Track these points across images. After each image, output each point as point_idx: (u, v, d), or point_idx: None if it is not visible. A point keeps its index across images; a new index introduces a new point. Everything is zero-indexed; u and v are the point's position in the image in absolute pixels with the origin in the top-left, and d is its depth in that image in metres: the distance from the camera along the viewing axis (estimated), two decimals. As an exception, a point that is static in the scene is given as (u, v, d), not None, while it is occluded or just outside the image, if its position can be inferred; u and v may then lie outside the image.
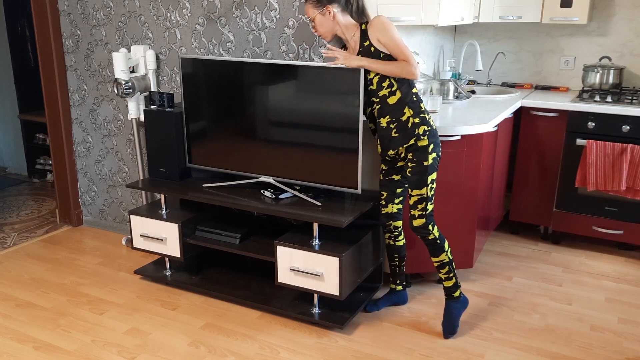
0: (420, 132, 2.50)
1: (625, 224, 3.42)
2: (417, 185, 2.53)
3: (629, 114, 3.27)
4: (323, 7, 2.48)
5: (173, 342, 2.64)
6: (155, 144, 3.15)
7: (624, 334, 2.70)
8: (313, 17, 2.51)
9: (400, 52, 2.43)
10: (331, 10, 2.47)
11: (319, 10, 2.48)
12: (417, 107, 2.52)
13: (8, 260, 3.51)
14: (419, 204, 2.54)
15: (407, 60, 2.43)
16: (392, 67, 2.45)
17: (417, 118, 2.51)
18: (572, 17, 3.54)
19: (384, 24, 2.43)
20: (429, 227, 2.56)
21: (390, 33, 2.42)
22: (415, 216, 2.57)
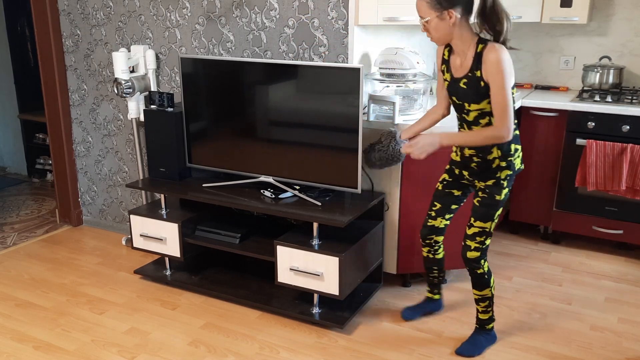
0: (502, 176, 2.30)
1: (625, 223, 3.42)
2: (482, 217, 2.36)
3: (628, 114, 3.27)
4: (443, 9, 2.12)
5: (173, 341, 2.64)
6: (155, 143, 3.15)
7: (623, 334, 2.70)
8: (427, 20, 2.16)
9: (498, 110, 2.12)
10: (453, 15, 2.12)
11: (437, 13, 2.13)
12: (506, 149, 2.26)
13: (8, 260, 3.51)
14: (479, 236, 2.38)
15: (501, 125, 2.13)
16: (477, 138, 2.19)
17: (504, 161, 2.27)
18: (572, 17, 3.54)
19: (500, 67, 2.08)
20: (482, 261, 2.41)
21: (501, 82, 2.09)
22: (471, 247, 2.40)
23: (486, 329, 2.57)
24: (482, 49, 2.15)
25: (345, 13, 2.81)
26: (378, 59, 2.92)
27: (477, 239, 2.40)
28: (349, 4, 2.78)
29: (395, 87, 2.96)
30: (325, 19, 2.86)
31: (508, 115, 2.13)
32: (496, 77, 2.11)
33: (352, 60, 2.85)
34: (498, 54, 2.10)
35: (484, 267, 2.43)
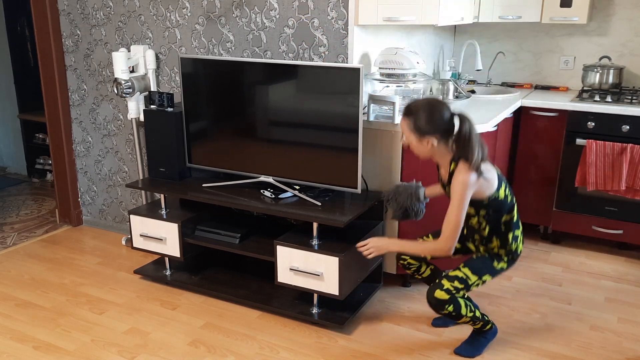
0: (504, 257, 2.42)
1: (625, 223, 3.42)
2: (472, 268, 2.39)
3: (628, 114, 3.27)
4: (422, 135, 2.27)
5: (173, 341, 2.64)
6: (155, 143, 3.15)
7: (623, 334, 2.70)
8: (409, 140, 2.32)
9: (447, 226, 2.25)
10: (430, 142, 2.26)
11: (417, 137, 2.28)
12: (503, 239, 2.39)
13: (8, 260, 3.51)
14: (459, 282, 2.36)
15: (445, 240, 2.26)
16: (420, 249, 2.37)
17: (504, 250, 2.41)
18: (571, 17, 3.54)
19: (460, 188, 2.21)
20: (446, 305, 2.35)
21: (458, 202, 2.22)
22: (443, 287, 2.35)
23: (484, 331, 2.56)
24: (453, 169, 2.28)
25: (345, 13, 2.81)
26: (378, 59, 2.92)
27: (454, 283, 2.37)
28: (348, 4, 2.78)
29: (395, 87, 2.96)
30: (325, 19, 2.86)
31: (455, 234, 2.26)
32: (454, 196, 2.23)
33: (352, 60, 2.85)
34: (463, 176, 2.21)
35: (449, 309, 2.37)
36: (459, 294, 2.37)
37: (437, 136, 2.25)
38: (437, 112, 2.25)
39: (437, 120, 2.24)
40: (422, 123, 2.24)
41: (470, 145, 2.21)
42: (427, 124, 2.24)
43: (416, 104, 2.29)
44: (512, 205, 2.38)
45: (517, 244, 2.43)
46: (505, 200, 2.35)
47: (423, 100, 2.31)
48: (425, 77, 2.99)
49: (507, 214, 2.38)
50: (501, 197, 2.33)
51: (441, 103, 2.28)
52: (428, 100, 2.30)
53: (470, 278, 2.38)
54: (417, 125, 2.25)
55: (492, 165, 2.37)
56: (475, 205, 2.35)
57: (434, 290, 2.37)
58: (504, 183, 2.35)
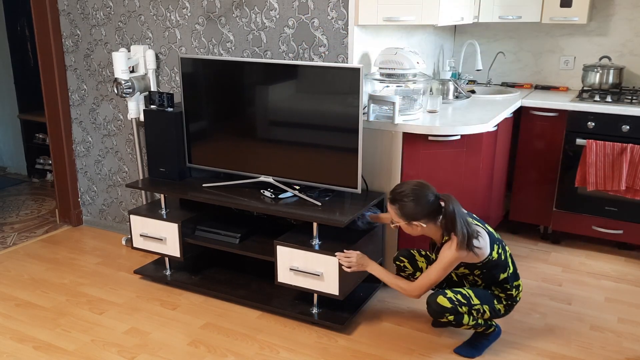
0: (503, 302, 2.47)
1: (625, 223, 3.42)
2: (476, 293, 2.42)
3: (628, 114, 3.27)
4: (410, 220, 2.36)
5: (173, 341, 2.64)
6: (155, 143, 3.15)
7: (623, 334, 2.70)
8: (398, 224, 2.42)
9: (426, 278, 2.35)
10: (418, 225, 2.36)
11: (405, 222, 2.38)
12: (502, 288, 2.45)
13: (8, 260, 3.51)
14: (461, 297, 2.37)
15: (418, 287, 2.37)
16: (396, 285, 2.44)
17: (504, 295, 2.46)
18: (571, 17, 3.54)
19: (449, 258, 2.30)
20: (446, 314, 2.35)
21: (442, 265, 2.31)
22: (446, 294, 2.35)
23: (486, 333, 2.56)
24: (445, 241, 2.37)
25: (345, 13, 2.81)
26: (378, 59, 2.92)
27: (458, 296, 2.37)
28: (348, 4, 2.78)
29: (395, 87, 2.96)
30: (325, 19, 2.86)
31: (427, 289, 2.37)
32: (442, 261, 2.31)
33: (352, 60, 2.85)
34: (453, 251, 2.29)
35: (449, 318, 2.37)
36: (461, 309, 2.36)
37: (424, 220, 2.35)
38: (422, 197, 2.33)
39: (422, 205, 2.33)
40: (409, 210, 2.34)
41: (456, 225, 2.28)
42: (414, 210, 2.33)
43: (401, 190, 2.36)
44: (506, 262, 2.42)
45: (518, 293, 2.48)
46: (499, 258, 2.40)
47: (408, 186, 2.37)
48: (425, 77, 2.99)
49: (503, 272, 2.42)
50: (495, 257, 2.38)
51: (425, 187, 2.35)
52: (413, 187, 2.35)
53: (472, 299, 2.39)
54: (404, 212, 2.35)
55: (484, 226, 2.41)
56: (470, 267, 2.41)
57: (437, 295, 2.37)
58: (496, 244, 2.40)
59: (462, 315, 2.37)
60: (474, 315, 2.41)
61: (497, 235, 2.45)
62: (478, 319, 2.43)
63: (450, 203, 2.30)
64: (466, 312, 2.38)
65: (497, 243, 2.40)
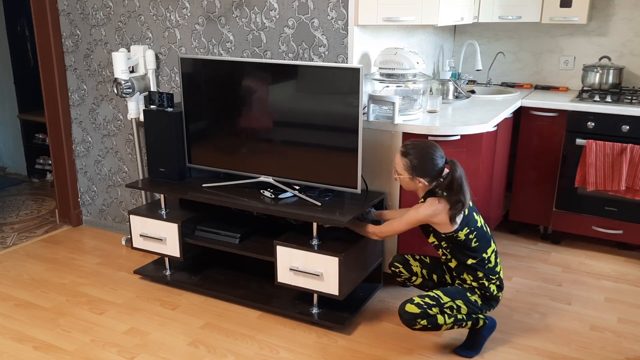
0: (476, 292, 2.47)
1: (625, 224, 3.42)
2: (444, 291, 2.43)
3: (628, 114, 3.27)
4: (415, 176, 2.43)
5: (173, 342, 2.64)
6: (154, 144, 3.15)
7: (623, 334, 2.70)
8: (400, 176, 2.48)
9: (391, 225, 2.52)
10: (421, 182, 2.44)
11: (410, 176, 2.44)
12: (475, 275, 2.45)
13: (8, 260, 3.51)
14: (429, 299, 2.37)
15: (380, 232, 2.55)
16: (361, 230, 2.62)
17: (476, 283, 2.46)
18: (571, 17, 3.54)
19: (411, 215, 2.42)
20: (418, 319, 2.35)
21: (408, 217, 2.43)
22: (413, 301, 2.36)
23: (477, 329, 2.53)
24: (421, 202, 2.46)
25: (345, 13, 2.81)
26: (378, 59, 2.92)
27: (425, 299, 2.37)
28: (348, 4, 2.78)
29: (395, 87, 2.96)
30: (325, 19, 2.86)
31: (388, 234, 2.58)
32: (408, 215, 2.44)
33: (352, 60, 2.86)
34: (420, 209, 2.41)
35: (422, 323, 2.36)
36: (432, 311, 2.35)
37: (427, 179, 2.43)
38: (433, 157, 2.41)
39: (431, 164, 2.41)
40: (417, 165, 2.41)
41: (462, 190, 2.36)
42: (422, 166, 2.41)
43: (415, 145, 2.44)
44: (476, 250, 2.43)
45: (491, 285, 2.46)
46: (467, 242, 2.42)
47: (421, 143, 2.46)
48: (425, 77, 2.99)
49: (472, 258, 2.42)
50: (461, 238, 2.41)
51: (437, 148, 2.44)
52: (426, 144, 2.44)
53: (442, 298, 2.40)
54: (412, 166, 2.42)
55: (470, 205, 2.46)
56: (436, 236, 2.48)
57: (405, 304, 2.38)
58: (469, 228, 2.42)
59: (435, 317, 2.36)
60: (448, 313, 2.39)
61: (481, 225, 2.46)
62: (456, 316, 2.41)
63: (457, 168, 2.37)
64: (439, 312, 2.37)
65: (471, 228, 2.41)
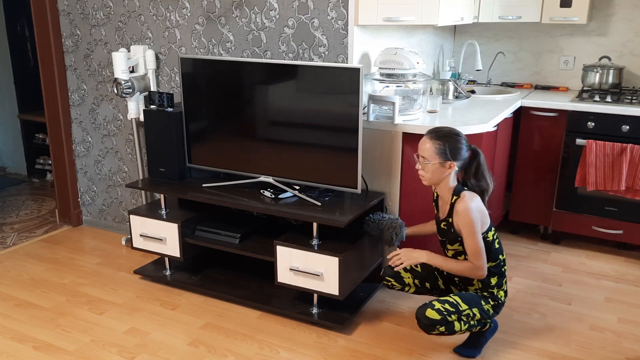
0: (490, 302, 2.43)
1: (625, 223, 3.42)
2: (463, 298, 2.38)
3: (628, 114, 3.27)
4: (446, 160, 2.34)
5: (173, 342, 2.64)
6: (155, 144, 3.15)
7: (623, 334, 2.70)
8: (429, 163, 2.35)
9: (471, 253, 2.33)
10: (453, 166, 2.34)
11: (441, 160, 2.34)
12: (487, 282, 2.42)
13: (8, 260, 3.51)
14: (449, 305, 2.33)
15: (476, 265, 2.32)
16: (457, 267, 2.36)
17: (486, 292, 2.44)
18: (571, 17, 3.54)
19: (467, 216, 2.30)
20: (437, 326, 2.32)
21: (470, 229, 2.30)
22: (434, 307, 2.32)
23: (483, 332, 2.55)
24: (455, 200, 2.37)
25: (345, 13, 2.81)
26: (378, 59, 2.92)
27: (445, 305, 2.33)
28: (348, 4, 2.78)
29: (395, 87, 2.96)
30: (325, 19, 2.86)
31: (480, 257, 2.32)
32: (465, 226, 2.32)
33: (352, 60, 2.86)
34: (465, 204, 2.32)
35: (440, 329, 2.33)
36: (451, 318, 2.33)
37: (457, 163, 2.36)
38: (461, 140, 2.38)
39: (461, 147, 2.37)
40: (450, 147, 2.35)
41: (485, 176, 2.39)
42: (454, 147, 2.35)
43: (440, 129, 2.40)
44: (497, 254, 2.42)
45: (500, 291, 2.45)
46: (492, 245, 2.41)
47: (445, 127, 2.42)
48: (425, 77, 2.99)
49: (492, 260, 2.41)
50: (489, 239, 2.39)
51: (461, 133, 2.41)
52: (451, 128, 2.41)
53: (460, 305, 2.36)
54: (444, 149, 2.35)
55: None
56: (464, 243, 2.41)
57: (425, 309, 2.32)
58: (494, 229, 2.43)
59: (452, 324, 2.34)
60: (464, 321, 2.37)
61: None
62: (470, 322, 2.39)
63: (480, 154, 2.38)
64: (456, 320, 2.35)
65: (494, 230, 2.42)
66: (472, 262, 2.33)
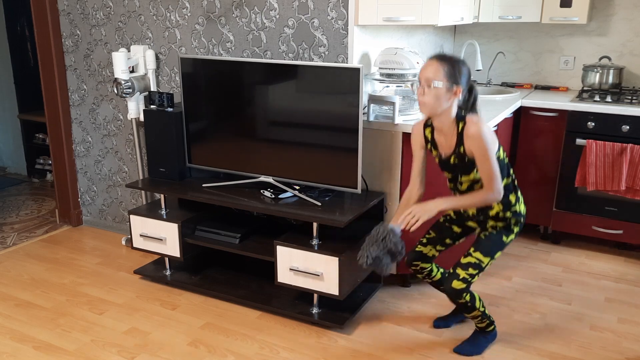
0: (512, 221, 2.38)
1: (625, 223, 3.42)
2: (483, 250, 2.35)
3: (628, 114, 3.27)
4: (454, 84, 2.22)
5: (173, 341, 2.64)
6: (155, 144, 3.15)
7: (623, 334, 2.70)
8: (436, 86, 2.21)
9: (486, 177, 2.24)
10: (459, 92, 2.23)
11: (449, 84, 2.21)
12: (505, 202, 2.35)
13: (8, 260, 3.51)
14: (472, 268, 2.34)
15: (490, 190, 2.23)
16: (473, 200, 2.28)
17: (509, 212, 2.36)
18: (571, 17, 3.54)
19: (481, 139, 2.20)
20: (464, 294, 2.36)
21: (485, 152, 2.21)
22: (459, 277, 2.35)
23: (486, 331, 2.57)
24: (462, 128, 2.27)
25: (345, 13, 2.81)
26: (378, 59, 2.92)
27: (469, 270, 2.35)
28: (348, 4, 2.78)
29: (395, 87, 2.96)
30: (325, 19, 2.86)
31: (495, 180, 2.24)
32: (479, 149, 2.23)
33: (352, 60, 2.86)
34: (478, 127, 2.22)
35: (466, 298, 2.37)
36: (474, 280, 2.36)
37: (465, 88, 2.26)
38: (466, 64, 2.28)
39: (467, 74, 2.27)
40: (459, 70, 2.22)
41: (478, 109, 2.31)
42: (462, 71, 2.24)
43: (448, 54, 2.27)
44: (509, 169, 2.37)
45: (520, 205, 2.40)
46: (504, 161, 2.33)
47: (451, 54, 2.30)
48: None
49: (507, 176, 2.35)
50: (501, 157, 2.31)
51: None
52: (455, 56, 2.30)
53: (482, 261, 2.36)
54: (453, 72, 2.22)
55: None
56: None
57: (451, 280, 2.36)
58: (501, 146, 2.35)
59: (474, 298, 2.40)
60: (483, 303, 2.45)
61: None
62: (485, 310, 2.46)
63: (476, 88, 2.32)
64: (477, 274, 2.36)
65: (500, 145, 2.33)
66: (489, 188, 2.24)
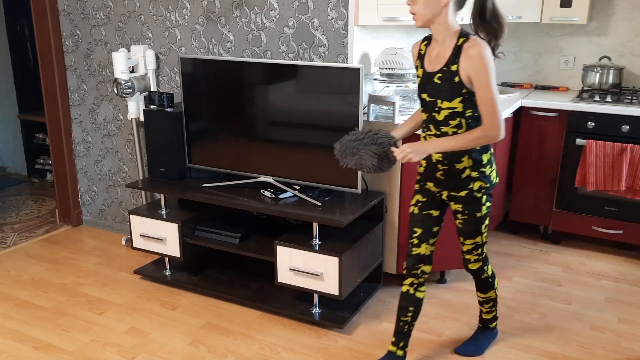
0: (475, 187, 2.14)
1: (625, 223, 3.42)
2: (471, 235, 2.28)
3: (628, 114, 3.27)
4: None
5: (173, 342, 2.64)
6: (155, 143, 3.15)
7: (623, 334, 2.70)
8: None
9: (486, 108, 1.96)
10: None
11: None
12: (477, 158, 2.11)
13: (8, 260, 3.51)
14: (475, 250, 2.33)
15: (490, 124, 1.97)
16: (466, 140, 2.00)
17: (476, 172, 2.12)
18: (571, 17, 3.54)
19: (484, 63, 1.94)
20: (485, 267, 2.39)
21: (487, 79, 1.95)
22: (471, 260, 2.37)
23: (489, 327, 2.57)
24: (463, 42, 1.99)
25: (345, 13, 2.81)
26: (378, 59, 2.92)
27: (474, 253, 2.35)
28: (348, 4, 2.78)
29: (395, 87, 2.96)
30: (325, 19, 2.86)
31: (497, 113, 1.97)
32: (481, 74, 1.96)
33: (352, 60, 2.86)
34: (482, 49, 1.94)
35: (488, 272, 2.41)
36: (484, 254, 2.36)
37: None
38: None
39: None
40: None
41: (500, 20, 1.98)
42: None
43: None
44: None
45: (492, 171, 2.17)
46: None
47: None
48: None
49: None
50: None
51: None
52: None
53: (477, 241, 2.29)
54: None
55: None
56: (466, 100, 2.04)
57: (466, 265, 2.40)
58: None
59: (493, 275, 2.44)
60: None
61: None
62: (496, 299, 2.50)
63: None
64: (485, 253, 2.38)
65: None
66: (486, 121, 1.98)
